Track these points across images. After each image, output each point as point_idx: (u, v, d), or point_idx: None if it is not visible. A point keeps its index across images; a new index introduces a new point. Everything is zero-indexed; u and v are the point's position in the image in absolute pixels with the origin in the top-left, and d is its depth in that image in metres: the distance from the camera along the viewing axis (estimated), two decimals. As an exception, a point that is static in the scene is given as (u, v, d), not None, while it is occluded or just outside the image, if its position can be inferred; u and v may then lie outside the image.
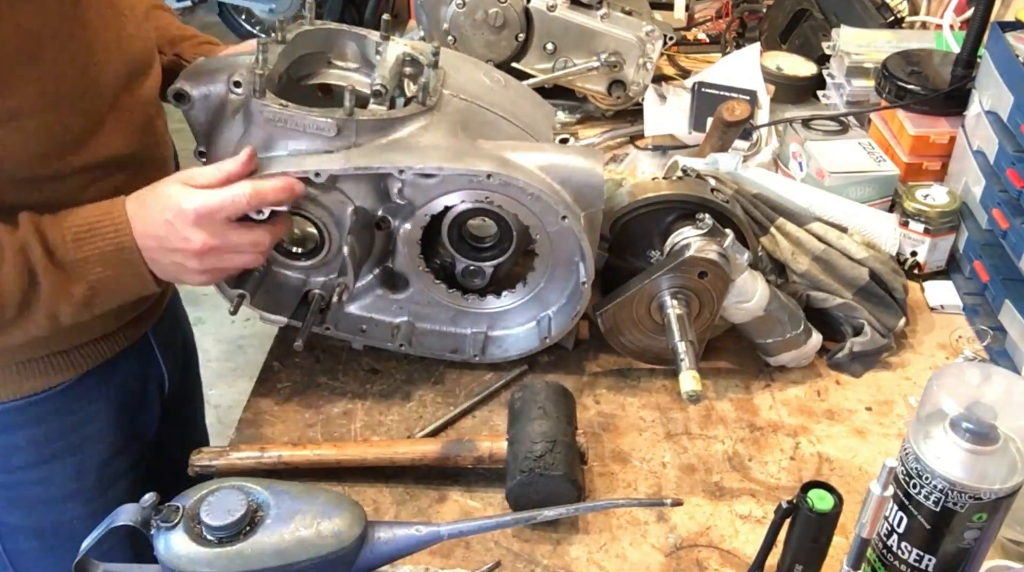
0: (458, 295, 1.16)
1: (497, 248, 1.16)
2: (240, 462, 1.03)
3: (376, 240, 1.12)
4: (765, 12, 1.97)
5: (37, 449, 1.14)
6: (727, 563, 0.96)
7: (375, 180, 1.06)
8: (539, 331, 1.16)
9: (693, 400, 0.99)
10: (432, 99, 1.05)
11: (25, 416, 1.11)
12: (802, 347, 1.17)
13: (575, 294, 1.13)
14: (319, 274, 1.15)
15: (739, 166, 1.24)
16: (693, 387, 0.99)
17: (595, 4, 1.60)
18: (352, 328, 1.17)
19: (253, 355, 2.91)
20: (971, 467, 0.79)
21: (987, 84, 1.31)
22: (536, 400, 1.03)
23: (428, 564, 0.94)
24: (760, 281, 1.12)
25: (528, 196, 1.04)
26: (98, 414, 1.17)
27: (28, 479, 1.15)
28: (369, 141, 1.03)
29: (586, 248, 1.07)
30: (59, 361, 1.10)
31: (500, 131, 1.10)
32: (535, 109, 1.20)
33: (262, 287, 1.13)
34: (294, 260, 1.13)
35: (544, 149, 1.09)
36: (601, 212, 1.09)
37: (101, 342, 1.14)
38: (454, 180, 1.04)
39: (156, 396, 1.29)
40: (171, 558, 0.78)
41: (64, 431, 1.14)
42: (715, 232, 1.09)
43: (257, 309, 1.12)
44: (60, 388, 1.12)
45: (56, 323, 0.97)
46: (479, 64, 1.22)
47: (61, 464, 1.16)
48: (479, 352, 1.17)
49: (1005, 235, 1.23)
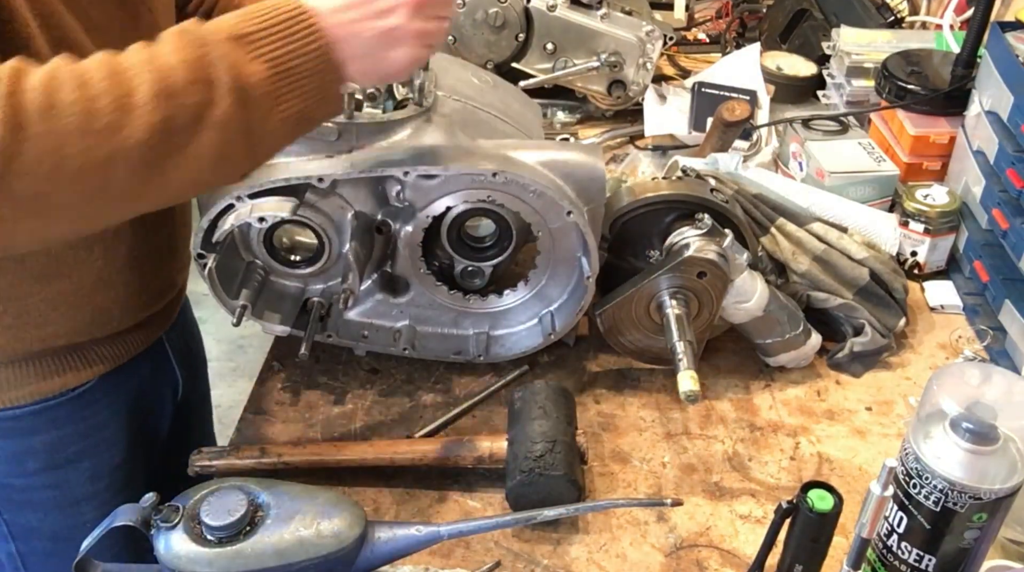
0: (459, 296, 1.16)
1: (496, 248, 1.16)
2: (240, 463, 1.02)
3: (376, 244, 1.12)
4: (765, 12, 1.97)
5: (53, 453, 1.13)
6: (727, 563, 0.96)
7: (373, 184, 1.06)
8: (542, 328, 1.16)
9: (691, 400, 0.99)
10: (428, 100, 1.05)
11: (42, 420, 1.11)
12: (801, 348, 1.17)
13: (578, 289, 1.13)
14: (318, 282, 1.14)
15: (739, 166, 1.24)
16: (691, 387, 0.99)
17: (595, 4, 1.60)
18: (354, 334, 1.17)
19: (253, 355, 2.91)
20: (971, 467, 0.79)
21: (987, 84, 1.31)
22: (536, 400, 1.03)
23: (428, 564, 0.94)
24: (759, 281, 1.12)
25: (531, 193, 1.04)
26: (113, 419, 1.17)
27: (43, 483, 1.15)
28: (369, 144, 1.02)
29: (591, 242, 1.07)
30: (74, 360, 1.10)
31: (495, 130, 1.11)
32: (524, 108, 1.20)
33: (261, 297, 1.12)
34: (293, 268, 1.12)
35: (544, 146, 1.09)
36: (603, 207, 1.09)
37: (116, 341, 1.13)
38: (456, 180, 1.04)
39: (170, 400, 1.29)
40: (171, 558, 0.78)
41: (79, 436, 1.14)
42: (714, 232, 1.09)
43: (258, 320, 1.12)
44: (76, 392, 1.11)
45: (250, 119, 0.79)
46: (466, 65, 1.23)
47: (75, 468, 1.16)
48: (482, 352, 1.17)
49: (1005, 235, 1.23)
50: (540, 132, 1.17)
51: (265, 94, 0.80)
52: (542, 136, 1.17)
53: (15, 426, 1.11)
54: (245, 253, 1.12)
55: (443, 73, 1.12)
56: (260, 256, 1.11)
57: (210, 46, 0.78)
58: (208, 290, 1.07)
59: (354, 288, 1.09)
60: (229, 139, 0.79)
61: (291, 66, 0.81)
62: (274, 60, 0.80)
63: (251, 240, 1.10)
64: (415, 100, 1.05)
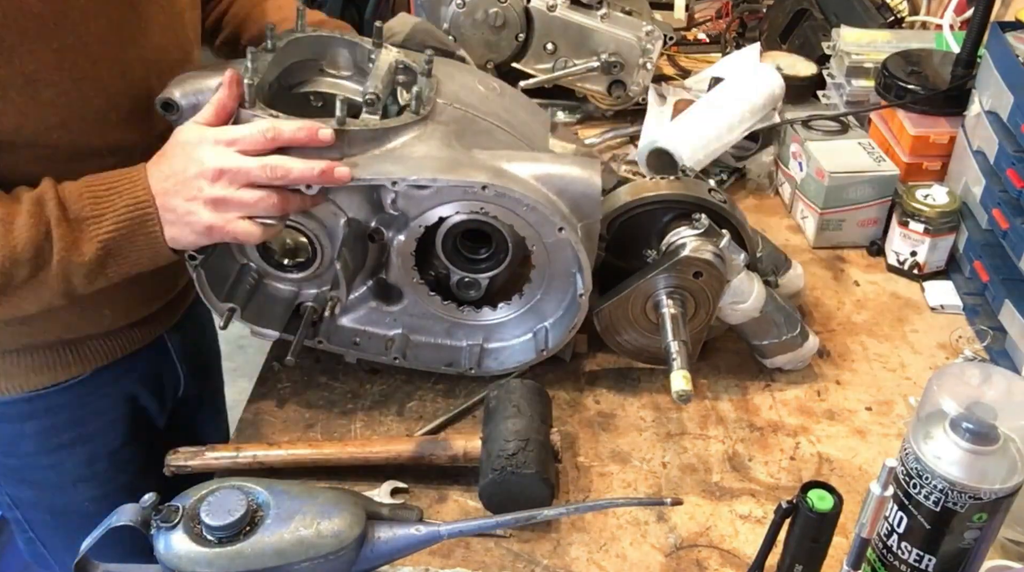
0: (453, 307, 1.15)
1: (492, 260, 1.15)
2: (215, 462, 1.02)
3: (369, 252, 1.11)
4: (765, 12, 1.97)
5: (45, 438, 1.15)
6: (727, 563, 0.96)
7: (368, 191, 1.05)
8: (535, 343, 1.15)
9: (683, 400, 0.99)
10: (426, 108, 1.04)
11: (33, 407, 1.11)
12: (798, 349, 1.17)
13: (572, 306, 1.12)
14: (311, 286, 1.14)
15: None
16: (683, 387, 0.99)
17: (595, 4, 1.60)
18: (345, 341, 1.16)
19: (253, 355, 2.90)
20: (971, 467, 0.79)
21: (987, 84, 1.31)
22: (511, 399, 1.03)
23: (428, 564, 0.94)
24: (756, 282, 1.12)
25: (524, 207, 1.03)
26: (109, 408, 1.18)
27: (38, 464, 1.17)
28: (361, 151, 1.00)
29: (583, 260, 1.05)
30: (68, 355, 1.10)
31: (495, 140, 1.08)
32: (531, 117, 1.18)
33: (253, 300, 1.11)
34: (285, 273, 1.12)
35: (540, 159, 1.07)
36: (598, 223, 1.08)
37: (111, 338, 1.14)
38: (449, 191, 1.03)
39: (170, 396, 1.30)
40: (171, 558, 0.78)
41: (73, 423, 1.15)
42: (711, 232, 1.09)
43: (248, 323, 1.11)
44: (68, 383, 1.12)
45: (70, 287, 0.95)
46: (474, 71, 1.21)
47: (70, 452, 1.17)
48: (475, 365, 1.15)
49: (1005, 235, 1.23)
50: (545, 142, 1.15)
51: (91, 270, 0.95)
52: (547, 147, 1.15)
53: (6, 412, 1.12)
54: (239, 255, 1.11)
55: (447, 80, 1.10)
56: (253, 259, 1.11)
57: (52, 230, 0.92)
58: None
59: (342, 296, 1.08)
60: (50, 299, 0.96)
61: (120, 246, 0.95)
62: (105, 242, 0.94)
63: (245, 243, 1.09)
64: (412, 108, 1.03)
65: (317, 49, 1.15)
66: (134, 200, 0.94)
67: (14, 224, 0.91)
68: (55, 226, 0.92)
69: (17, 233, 0.90)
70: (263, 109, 0.99)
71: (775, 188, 1.56)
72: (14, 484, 1.20)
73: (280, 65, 1.10)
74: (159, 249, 0.97)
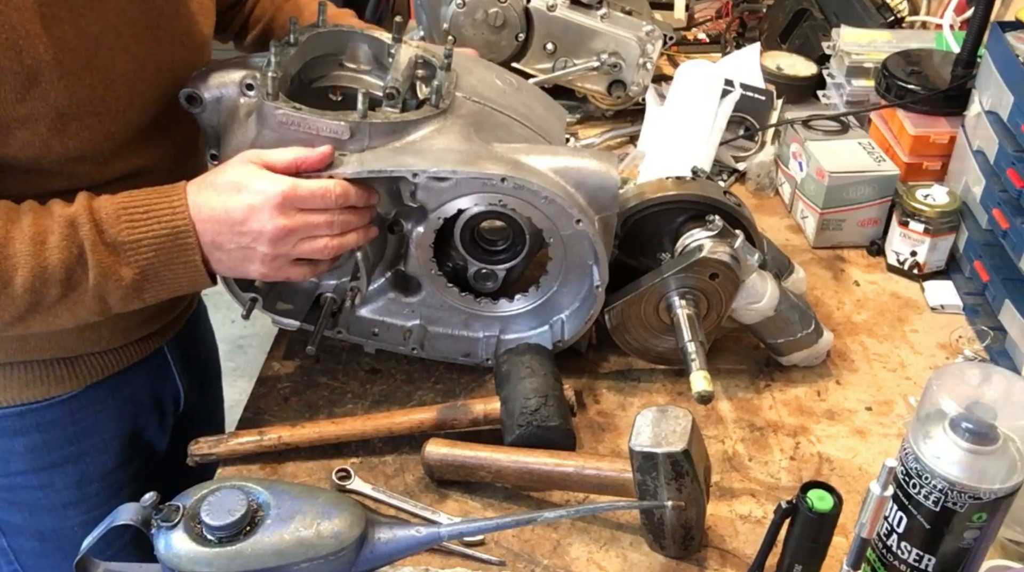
0: (470, 298, 1.16)
1: (510, 251, 1.16)
2: (241, 447, 1.03)
3: (389, 243, 1.12)
4: (765, 12, 1.97)
5: (36, 456, 1.12)
6: (727, 563, 0.96)
7: (388, 183, 1.05)
8: (552, 334, 1.16)
9: (704, 401, 1.00)
10: (445, 102, 1.05)
11: (24, 422, 1.09)
12: (814, 346, 1.17)
13: (588, 297, 1.13)
14: (331, 277, 1.14)
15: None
16: (704, 387, 0.99)
17: (595, 4, 1.60)
18: (364, 332, 1.17)
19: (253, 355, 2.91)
20: (971, 467, 0.79)
21: (987, 84, 1.31)
22: (523, 361, 1.08)
23: (428, 564, 0.94)
24: (770, 282, 1.12)
25: (542, 199, 1.04)
26: (103, 426, 1.16)
27: (28, 484, 1.14)
28: (382, 144, 1.02)
29: (600, 252, 1.07)
30: (62, 370, 1.08)
31: (513, 134, 1.09)
32: (547, 111, 1.19)
33: (274, 290, 1.12)
34: None
35: (558, 152, 1.08)
36: (615, 217, 1.09)
37: (108, 355, 1.12)
38: (468, 183, 1.03)
39: (170, 411, 1.27)
40: (171, 558, 0.78)
41: (65, 441, 1.13)
42: (725, 233, 1.09)
43: (269, 312, 1.12)
44: (62, 398, 1.10)
45: (105, 307, 0.94)
46: (491, 66, 1.21)
47: (62, 472, 1.14)
48: (491, 356, 1.16)
49: (1005, 235, 1.23)
50: (561, 137, 1.16)
51: (128, 294, 0.93)
52: (563, 141, 1.16)
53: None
54: None
55: (465, 74, 1.11)
56: None
57: (87, 253, 0.90)
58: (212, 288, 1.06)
59: (362, 287, 1.09)
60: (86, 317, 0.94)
61: (159, 272, 0.94)
62: (143, 268, 0.93)
63: None
64: (432, 102, 1.04)
65: (338, 44, 1.15)
66: (173, 229, 0.92)
67: (46, 244, 0.89)
68: (90, 250, 0.90)
69: (49, 253, 0.89)
70: (286, 102, 1.00)
71: (775, 188, 1.57)
72: (3, 507, 1.16)
73: (302, 59, 1.10)
74: (198, 277, 0.96)
